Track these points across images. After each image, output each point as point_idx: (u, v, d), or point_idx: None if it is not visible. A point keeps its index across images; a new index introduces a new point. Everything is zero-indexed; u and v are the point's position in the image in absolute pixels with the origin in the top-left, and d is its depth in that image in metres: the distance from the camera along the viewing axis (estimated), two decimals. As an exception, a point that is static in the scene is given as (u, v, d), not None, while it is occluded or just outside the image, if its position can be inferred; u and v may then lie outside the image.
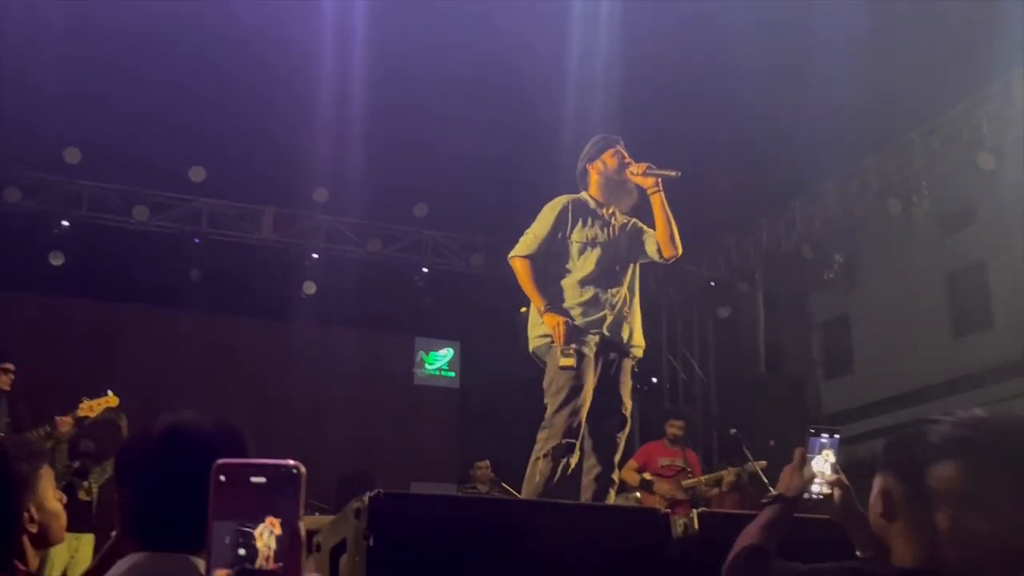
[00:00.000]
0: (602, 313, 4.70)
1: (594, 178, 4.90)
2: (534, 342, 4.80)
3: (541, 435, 4.55)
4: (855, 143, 10.63)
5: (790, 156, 10.55)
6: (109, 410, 7.27)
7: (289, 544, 1.02)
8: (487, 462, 9.34)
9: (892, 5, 8.70)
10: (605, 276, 4.75)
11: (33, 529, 2.22)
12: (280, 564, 1.02)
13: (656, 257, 4.87)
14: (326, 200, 11.67)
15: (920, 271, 12.19)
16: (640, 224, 4.92)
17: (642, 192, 4.80)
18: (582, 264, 4.76)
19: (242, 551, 1.01)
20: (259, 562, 1.01)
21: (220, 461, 1.05)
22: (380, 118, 9.87)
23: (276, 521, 1.02)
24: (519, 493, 7.74)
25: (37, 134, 9.85)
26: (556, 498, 4.25)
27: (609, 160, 4.87)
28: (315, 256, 11.98)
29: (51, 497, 2.31)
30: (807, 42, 8.72)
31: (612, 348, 4.73)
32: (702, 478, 7.96)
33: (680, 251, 4.84)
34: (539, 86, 9.35)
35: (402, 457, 12.99)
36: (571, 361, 4.54)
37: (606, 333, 4.68)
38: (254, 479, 1.04)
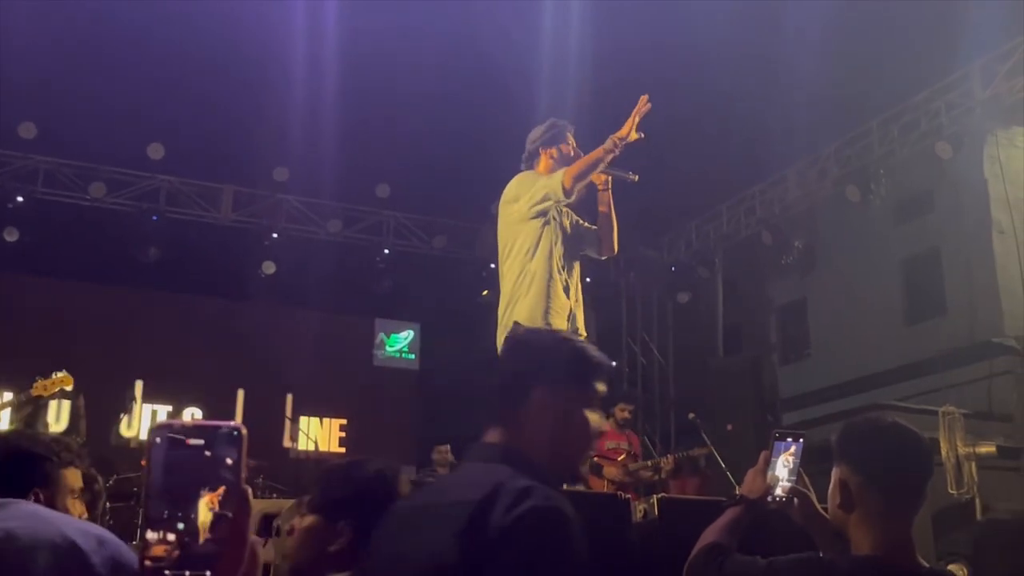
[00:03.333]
0: (571, 302, 4.61)
1: (546, 164, 4.73)
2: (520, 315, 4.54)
3: None
4: (815, 130, 10.72)
5: (751, 143, 10.63)
6: (64, 391, 7.15)
7: (234, 510, 0.97)
8: (447, 446, 9.31)
9: (854, -5, 8.79)
10: (569, 264, 4.66)
11: None
12: (217, 538, 0.96)
13: (595, 253, 4.81)
14: (287, 179, 11.56)
15: (876, 257, 12.35)
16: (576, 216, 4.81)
17: (590, 187, 4.67)
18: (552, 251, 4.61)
19: (181, 524, 0.96)
20: (200, 537, 0.96)
21: (158, 422, 0.99)
22: (344, 97, 9.79)
23: (214, 496, 0.97)
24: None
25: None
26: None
27: (565, 149, 4.72)
28: (275, 236, 11.87)
29: (71, 497, 2.33)
30: (769, 31, 8.77)
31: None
32: (648, 463, 8.01)
33: (616, 250, 4.79)
34: (507, 69, 9.31)
35: (362, 439, 12.96)
36: None
37: (569, 324, 4.56)
38: (192, 441, 0.97)
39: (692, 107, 9.73)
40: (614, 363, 13.85)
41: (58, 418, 10.24)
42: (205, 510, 0.97)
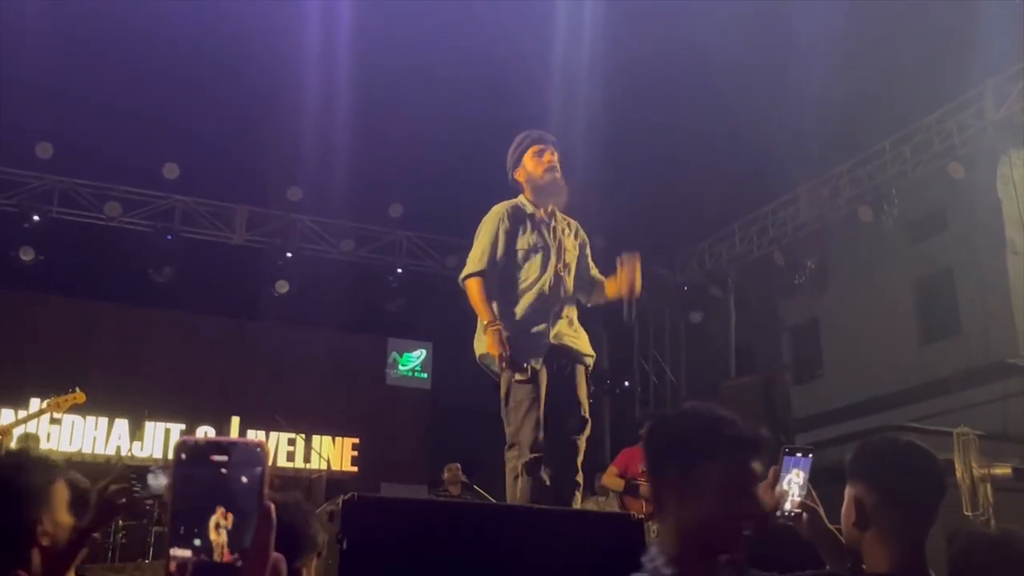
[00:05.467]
0: (549, 320, 4.62)
1: (524, 184, 4.84)
2: (480, 349, 4.75)
3: (510, 453, 4.45)
4: (827, 150, 10.73)
5: (763, 163, 10.65)
6: (76, 407, 7.20)
7: (256, 527, 0.98)
8: (457, 464, 9.26)
9: (867, 17, 8.80)
10: (550, 282, 4.68)
11: (45, 542, 2.21)
12: (235, 555, 0.97)
13: (592, 292, 4.93)
14: (300, 199, 11.62)
15: (889, 277, 12.30)
16: (584, 236, 4.94)
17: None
18: (527, 272, 4.69)
19: (197, 541, 0.97)
20: (215, 555, 0.97)
21: (182, 438, 1.01)
22: (357, 117, 9.84)
23: (229, 513, 0.97)
24: (491, 496, 7.73)
25: (8, 128, 9.74)
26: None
27: (529, 162, 4.81)
28: (288, 255, 11.91)
29: (64, 511, 2.30)
30: (781, 52, 8.80)
31: (562, 354, 4.64)
32: None
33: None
34: (519, 88, 9.35)
35: (373, 458, 12.96)
36: (524, 375, 4.47)
37: (553, 341, 4.59)
38: (215, 457, 0.99)
39: (704, 127, 9.76)
40: (626, 383, 13.85)
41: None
42: (214, 528, 0.97)
